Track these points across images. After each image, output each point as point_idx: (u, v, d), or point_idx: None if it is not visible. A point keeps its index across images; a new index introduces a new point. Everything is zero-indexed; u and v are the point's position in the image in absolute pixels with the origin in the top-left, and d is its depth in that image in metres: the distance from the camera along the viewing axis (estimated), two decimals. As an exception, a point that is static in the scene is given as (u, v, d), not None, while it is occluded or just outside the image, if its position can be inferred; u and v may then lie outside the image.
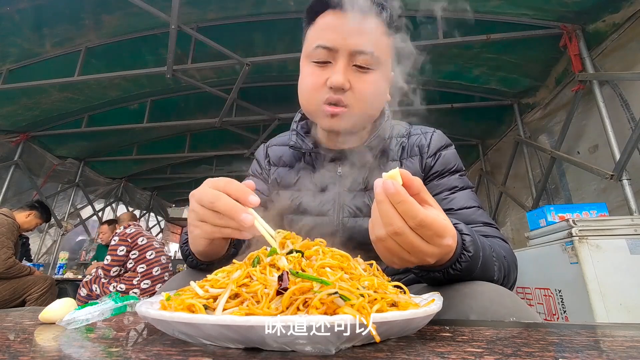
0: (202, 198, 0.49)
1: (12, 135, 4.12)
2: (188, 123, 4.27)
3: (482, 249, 0.52)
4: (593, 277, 1.71)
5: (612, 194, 2.39)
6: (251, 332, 0.29)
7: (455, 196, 0.72)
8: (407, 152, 0.79)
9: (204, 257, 0.63)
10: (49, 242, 4.96)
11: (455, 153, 0.79)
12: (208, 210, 0.49)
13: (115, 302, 0.52)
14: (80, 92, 3.69)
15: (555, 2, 2.41)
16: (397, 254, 0.45)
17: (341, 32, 0.66)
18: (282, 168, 0.84)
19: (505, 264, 0.58)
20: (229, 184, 0.49)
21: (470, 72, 3.22)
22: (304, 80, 0.71)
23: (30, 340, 0.36)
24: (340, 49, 0.66)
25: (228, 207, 0.47)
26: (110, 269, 2.87)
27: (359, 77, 0.67)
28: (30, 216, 3.20)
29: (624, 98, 2.34)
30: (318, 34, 0.69)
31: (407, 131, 0.82)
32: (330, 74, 0.67)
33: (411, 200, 0.42)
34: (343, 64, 0.66)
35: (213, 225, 0.49)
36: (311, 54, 0.69)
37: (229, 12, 2.91)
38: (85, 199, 5.54)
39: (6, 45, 3.05)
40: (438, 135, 0.81)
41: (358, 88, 0.67)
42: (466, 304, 0.48)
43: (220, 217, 0.48)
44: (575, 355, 0.28)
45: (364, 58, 0.66)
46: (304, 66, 0.72)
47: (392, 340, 0.34)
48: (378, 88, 0.70)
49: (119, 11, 2.83)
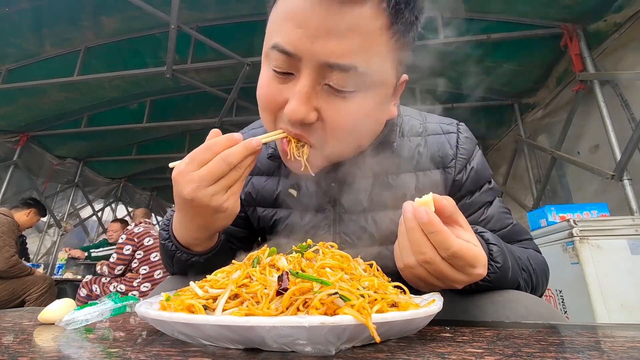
0: (194, 159, 0.44)
1: (12, 135, 4.12)
2: (188, 123, 4.27)
3: (510, 260, 0.48)
4: (594, 278, 1.71)
5: (613, 194, 2.39)
6: (251, 332, 0.28)
7: (488, 215, 0.61)
8: (426, 162, 0.61)
9: (197, 248, 0.56)
10: (48, 243, 4.96)
11: (482, 155, 0.65)
12: (212, 164, 0.44)
13: (114, 303, 0.51)
14: (80, 92, 3.69)
15: (556, 2, 2.41)
16: (425, 279, 0.43)
17: (309, 29, 0.42)
18: (259, 177, 0.66)
19: (534, 276, 0.54)
20: (209, 144, 0.46)
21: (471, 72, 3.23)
22: (260, 87, 0.51)
23: (30, 341, 0.36)
24: (304, 57, 0.43)
25: (229, 143, 0.45)
26: (115, 267, 2.87)
27: (333, 103, 0.45)
28: (31, 214, 3.24)
29: (624, 98, 2.34)
30: (277, 25, 0.46)
31: (422, 126, 0.63)
32: (290, 94, 0.46)
33: (445, 231, 0.39)
34: (308, 82, 0.44)
35: (226, 179, 0.45)
36: (269, 55, 0.48)
37: (229, 11, 2.91)
38: (84, 199, 5.54)
39: (5, 45, 3.05)
40: (464, 137, 0.63)
41: (332, 120, 0.46)
42: (501, 314, 0.46)
43: (227, 159, 0.44)
44: (576, 356, 0.28)
45: (340, 76, 0.43)
46: (263, 67, 0.51)
47: (392, 341, 0.34)
48: (363, 118, 0.48)
49: (118, 11, 2.83)
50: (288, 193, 0.62)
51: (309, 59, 0.43)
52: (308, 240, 0.46)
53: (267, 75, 0.49)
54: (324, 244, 0.46)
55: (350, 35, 0.42)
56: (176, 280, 0.63)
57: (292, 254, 0.42)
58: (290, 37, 0.43)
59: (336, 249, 0.44)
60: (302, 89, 0.44)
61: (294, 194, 0.46)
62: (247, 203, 0.67)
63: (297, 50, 0.43)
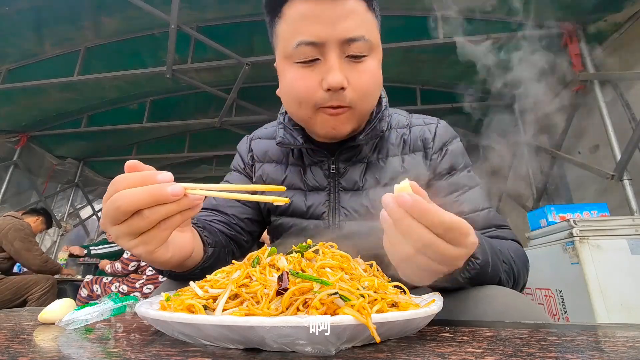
0: (115, 214, 0.36)
1: (12, 135, 4.13)
2: (188, 123, 4.27)
3: (491, 255, 0.48)
4: (594, 278, 1.71)
5: (613, 194, 2.39)
6: (251, 332, 0.28)
7: (465, 197, 0.65)
8: (410, 147, 0.71)
9: (179, 268, 0.51)
10: (48, 243, 4.96)
11: (462, 146, 0.73)
12: (130, 219, 0.37)
13: (114, 303, 0.51)
14: (80, 92, 3.70)
15: (556, 1, 2.41)
16: (428, 267, 0.41)
17: (324, 21, 0.56)
18: (269, 164, 0.76)
19: (514, 268, 0.54)
20: (121, 179, 0.37)
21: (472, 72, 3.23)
22: (291, 85, 0.61)
23: (30, 341, 0.36)
24: (328, 41, 0.56)
25: (146, 194, 0.36)
26: (129, 263, 2.89)
27: (354, 69, 0.59)
28: (38, 221, 3.30)
29: (624, 98, 2.34)
30: (295, 29, 0.58)
31: (407, 121, 0.74)
32: (322, 74, 0.58)
33: (434, 207, 0.38)
34: (336, 58, 0.57)
35: (124, 226, 0.37)
36: (293, 54, 0.59)
37: (229, 12, 2.91)
38: (84, 199, 5.54)
39: (5, 45, 3.06)
40: (443, 127, 0.73)
41: (356, 83, 0.59)
42: (480, 309, 0.47)
43: (145, 214, 0.37)
44: (576, 356, 0.28)
45: (357, 45, 0.57)
46: (286, 69, 0.61)
47: (392, 341, 0.34)
48: (376, 76, 0.62)
49: (118, 11, 2.83)
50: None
51: (332, 41, 0.57)
52: (308, 240, 0.47)
53: (294, 72, 0.60)
54: (324, 244, 0.46)
55: (352, 17, 0.57)
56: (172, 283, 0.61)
57: (292, 254, 0.42)
58: (312, 31, 0.57)
59: (336, 249, 0.45)
60: (334, 63, 0.57)
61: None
62: None
63: (320, 39, 0.56)
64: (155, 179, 0.37)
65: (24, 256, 2.91)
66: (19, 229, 2.92)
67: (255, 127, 2.44)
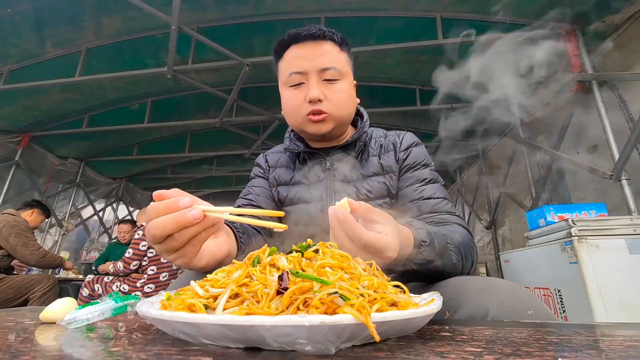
0: (153, 239, 0.45)
1: (13, 135, 4.13)
2: (188, 123, 4.27)
3: (438, 238, 0.59)
4: (592, 277, 1.71)
5: (611, 194, 2.39)
6: (251, 331, 0.29)
7: (425, 187, 0.83)
8: (384, 149, 0.92)
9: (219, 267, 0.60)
10: (49, 242, 4.96)
11: (424, 150, 0.92)
12: (165, 241, 0.45)
13: (115, 302, 0.52)
14: (81, 92, 3.70)
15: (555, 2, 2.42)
16: (367, 259, 0.49)
17: (308, 58, 0.82)
18: (280, 168, 0.97)
19: (461, 249, 0.65)
20: (151, 209, 0.45)
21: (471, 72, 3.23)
22: (287, 102, 0.86)
23: (31, 340, 0.36)
24: (309, 71, 0.81)
25: (172, 221, 0.43)
26: (130, 262, 2.87)
27: (329, 88, 0.82)
28: (34, 214, 3.26)
29: (623, 98, 2.34)
30: (289, 64, 0.83)
31: (384, 134, 0.97)
32: (306, 92, 0.81)
33: (356, 226, 0.47)
34: (315, 81, 0.81)
35: (163, 245, 0.46)
36: (287, 81, 0.84)
37: (230, 12, 2.92)
38: (85, 198, 5.54)
39: (7, 46, 3.05)
40: (409, 135, 0.95)
41: (331, 97, 0.82)
42: (484, 299, 0.51)
43: (175, 237, 0.45)
44: (575, 355, 0.29)
45: (330, 72, 0.81)
46: (284, 92, 0.87)
47: (392, 340, 0.34)
48: (348, 93, 0.85)
49: (119, 12, 2.83)
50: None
51: (312, 70, 0.82)
52: (308, 240, 0.47)
53: (288, 93, 0.85)
54: (324, 243, 0.46)
55: (327, 55, 0.82)
56: (195, 274, 0.66)
57: (292, 254, 0.42)
58: (299, 65, 0.82)
59: (336, 249, 0.45)
60: (313, 84, 0.81)
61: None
62: (272, 184, 0.96)
63: (304, 69, 0.82)
64: (178, 206, 0.44)
65: (19, 252, 2.88)
66: (13, 225, 2.90)
67: (255, 127, 2.48)
